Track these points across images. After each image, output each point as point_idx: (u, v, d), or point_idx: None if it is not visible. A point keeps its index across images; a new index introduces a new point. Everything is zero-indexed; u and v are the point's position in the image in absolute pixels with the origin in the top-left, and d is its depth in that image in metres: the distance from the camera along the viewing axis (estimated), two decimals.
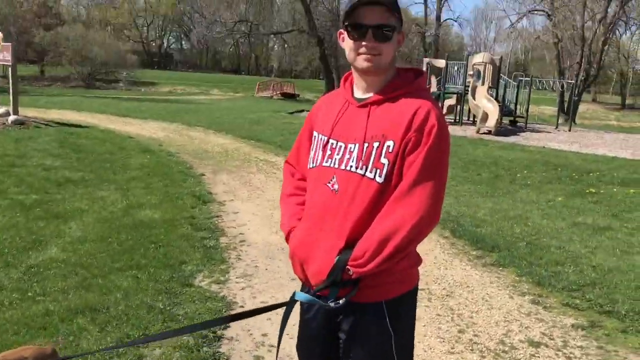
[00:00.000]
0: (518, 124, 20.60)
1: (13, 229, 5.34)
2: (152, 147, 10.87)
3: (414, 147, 1.70)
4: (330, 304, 1.72)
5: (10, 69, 13.02)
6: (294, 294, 1.79)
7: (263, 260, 4.93)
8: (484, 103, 18.05)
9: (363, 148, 1.75)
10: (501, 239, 5.83)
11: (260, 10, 46.73)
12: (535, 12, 36.30)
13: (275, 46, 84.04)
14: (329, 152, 1.84)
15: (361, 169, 1.74)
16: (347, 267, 1.71)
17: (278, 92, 39.29)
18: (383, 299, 1.78)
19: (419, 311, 3.91)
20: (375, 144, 1.73)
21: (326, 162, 1.83)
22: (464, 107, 20.66)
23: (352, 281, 1.72)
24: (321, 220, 1.82)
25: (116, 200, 6.65)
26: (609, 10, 32.99)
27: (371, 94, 1.81)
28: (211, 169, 9.16)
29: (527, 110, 20.72)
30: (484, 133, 16.98)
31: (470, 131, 17.66)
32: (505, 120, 20.68)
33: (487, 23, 75.52)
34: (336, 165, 1.80)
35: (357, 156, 1.76)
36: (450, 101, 21.94)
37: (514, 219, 6.70)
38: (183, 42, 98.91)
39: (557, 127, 21.32)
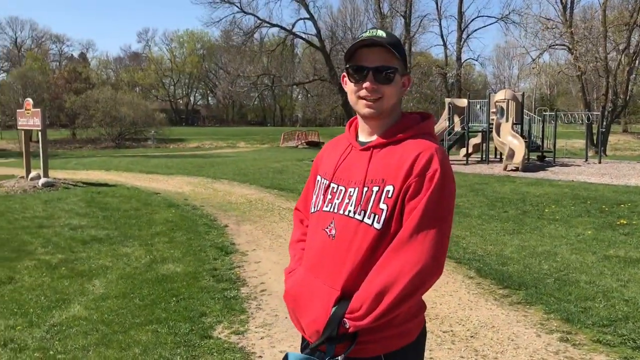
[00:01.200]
0: (546, 158, 20.36)
1: (39, 289, 5.41)
2: (177, 202, 11.01)
3: (414, 193, 1.63)
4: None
5: (40, 133, 13.45)
6: (286, 355, 1.66)
7: (283, 309, 4.87)
8: (510, 140, 17.94)
9: (362, 192, 1.69)
10: (528, 276, 5.67)
11: (282, 62, 47.78)
12: (556, 47, 36.32)
13: (299, 96, 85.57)
14: (329, 197, 1.80)
15: (359, 214, 1.68)
16: (344, 320, 1.62)
17: (303, 141, 39.75)
18: (382, 353, 1.68)
19: (441, 354, 3.83)
20: (375, 189, 1.68)
21: (326, 206, 1.79)
22: (490, 144, 20.55)
23: (349, 335, 1.63)
24: (317, 266, 1.76)
25: (140, 255, 6.70)
26: (631, 39, 32.87)
27: (374, 137, 1.78)
28: (235, 219, 9.21)
29: (554, 145, 20.50)
30: (512, 170, 16.79)
31: (497, 169, 17.50)
32: (533, 156, 20.48)
33: (509, 60, 75.66)
34: (335, 210, 1.75)
35: (356, 201, 1.70)
36: (475, 140, 21.88)
37: (541, 255, 6.53)
38: (209, 98, 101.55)
39: (586, 160, 20.97)
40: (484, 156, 20.83)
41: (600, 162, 20.10)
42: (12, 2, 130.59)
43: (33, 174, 13.64)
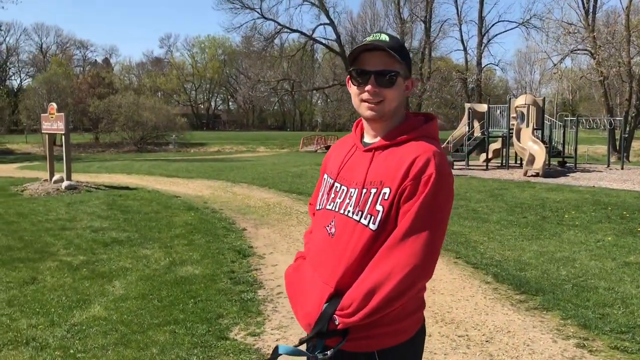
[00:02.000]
0: (567, 164, 20.14)
1: (60, 289, 5.52)
2: (197, 205, 11.12)
3: (409, 195, 1.66)
4: (317, 355, 1.66)
5: (63, 137, 13.69)
6: (276, 347, 1.72)
7: None
8: (530, 145, 17.79)
9: (361, 193, 1.74)
10: (546, 281, 5.64)
11: (302, 67, 47.97)
12: (578, 51, 35.91)
13: (319, 101, 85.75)
14: (332, 195, 1.86)
15: (357, 214, 1.73)
16: (334, 316, 1.67)
17: (322, 146, 39.80)
18: (376, 349, 1.70)
19: (456, 358, 3.83)
20: (373, 190, 1.72)
21: (329, 205, 1.85)
22: (510, 150, 20.39)
23: (339, 331, 1.67)
24: (316, 262, 1.83)
25: (159, 258, 6.80)
26: None
27: (377, 139, 1.82)
28: (253, 223, 9.28)
29: (575, 151, 20.27)
30: (532, 175, 16.65)
31: (517, 174, 17.36)
32: (554, 162, 20.27)
33: (531, 65, 75.03)
34: (336, 209, 1.81)
35: (355, 201, 1.75)
36: (496, 145, 21.75)
37: (560, 260, 6.49)
38: (230, 103, 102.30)
39: (608, 166, 20.69)
40: (503, 161, 20.68)
41: (622, 168, 19.83)
42: (38, 7, 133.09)
43: (56, 177, 13.88)
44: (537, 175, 16.56)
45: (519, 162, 20.65)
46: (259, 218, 9.79)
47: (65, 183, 13.30)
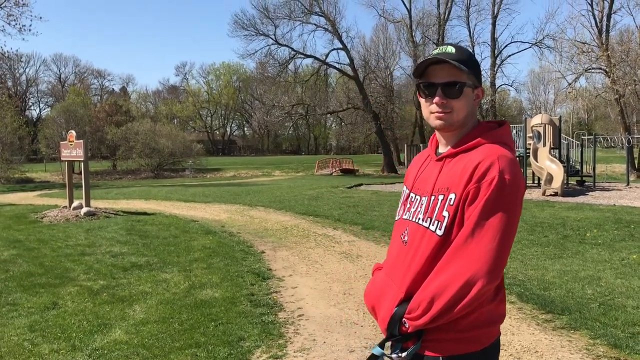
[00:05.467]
0: (586, 183, 19.93)
1: (81, 314, 5.51)
2: (215, 229, 11.13)
3: (472, 200, 1.66)
4: (393, 356, 1.72)
5: (82, 164, 13.84)
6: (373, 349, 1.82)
7: (321, 333, 4.85)
8: (547, 164, 17.66)
9: (430, 200, 1.79)
10: (572, 300, 5.53)
11: (316, 92, 48.27)
12: (592, 70, 35.78)
13: (333, 125, 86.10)
14: (408, 205, 1.92)
15: (426, 221, 1.77)
16: (404, 319, 1.72)
17: (337, 169, 39.85)
18: (441, 355, 1.71)
19: None
20: (440, 197, 1.75)
21: (405, 214, 1.91)
22: (527, 170, 20.24)
23: (411, 334, 1.72)
24: (392, 270, 1.88)
25: (179, 281, 6.78)
26: None
27: (448, 148, 1.86)
28: (271, 246, 9.25)
29: (593, 169, 20.08)
30: (550, 195, 16.48)
31: (535, 194, 17.20)
32: (572, 181, 20.08)
33: (545, 85, 74.86)
34: (410, 218, 1.87)
35: (425, 209, 1.80)
36: None
37: (584, 279, 6.36)
38: (245, 128, 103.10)
39: (628, 184, 20.45)
40: None
41: None
42: (57, 38, 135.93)
43: (75, 203, 14.00)
44: (555, 194, 16.39)
45: (536, 181, 20.47)
46: (276, 241, 9.76)
47: (84, 209, 13.40)
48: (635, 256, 7.48)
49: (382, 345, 1.78)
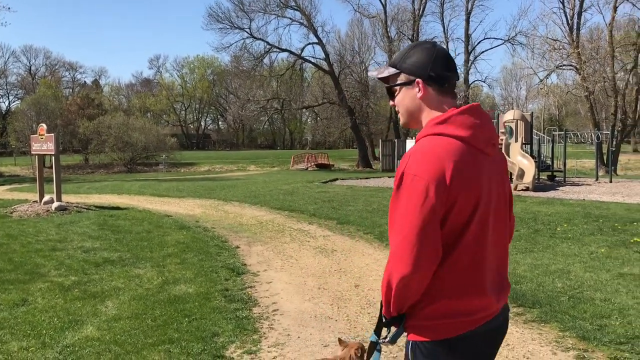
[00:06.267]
0: (556, 178, 20.27)
1: (52, 310, 5.43)
2: (189, 224, 11.04)
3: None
4: (380, 341, 1.89)
5: (53, 158, 13.59)
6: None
7: (295, 328, 4.86)
8: (519, 159, 17.89)
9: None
10: (542, 294, 5.63)
11: (291, 86, 48.13)
12: (563, 67, 36.37)
13: (308, 119, 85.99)
14: None
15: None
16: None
17: (313, 164, 39.83)
18: (412, 340, 1.82)
19: None
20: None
21: None
22: None
23: (389, 320, 1.83)
24: None
25: (152, 277, 6.72)
26: (639, 59, 32.84)
27: None
28: (246, 241, 9.22)
29: (564, 164, 20.42)
30: (522, 190, 16.72)
31: None
32: (543, 176, 20.39)
33: (517, 82, 75.76)
34: None
35: None
36: None
37: (555, 273, 6.48)
38: (219, 123, 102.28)
39: (597, 179, 20.86)
40: None
41: (611, 181, 19.98)
42: (27, 30, 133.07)
43: (46, 198, 13.75)
44: (527, 189, 16.63)
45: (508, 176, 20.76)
46: (251, 236, 9.73)
47: (55, 204, 13.18)
48: (604, 250, 7.64)
49: (377, 332, 1.92)
